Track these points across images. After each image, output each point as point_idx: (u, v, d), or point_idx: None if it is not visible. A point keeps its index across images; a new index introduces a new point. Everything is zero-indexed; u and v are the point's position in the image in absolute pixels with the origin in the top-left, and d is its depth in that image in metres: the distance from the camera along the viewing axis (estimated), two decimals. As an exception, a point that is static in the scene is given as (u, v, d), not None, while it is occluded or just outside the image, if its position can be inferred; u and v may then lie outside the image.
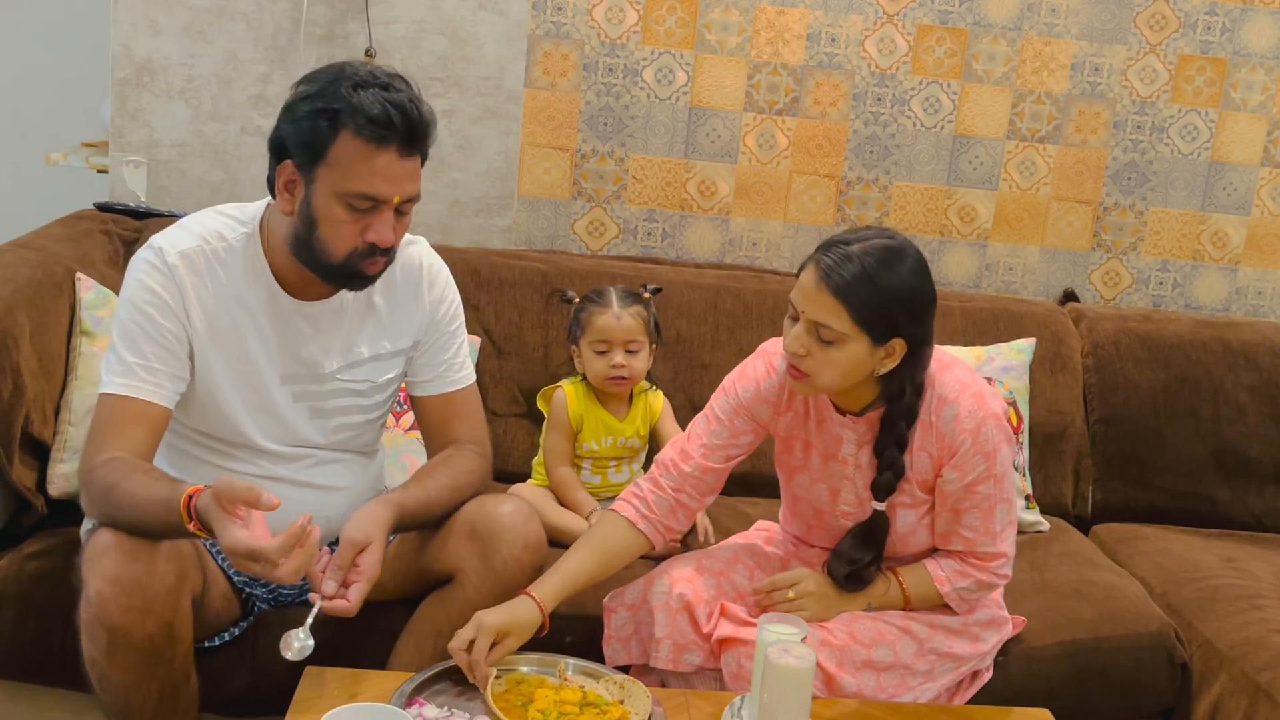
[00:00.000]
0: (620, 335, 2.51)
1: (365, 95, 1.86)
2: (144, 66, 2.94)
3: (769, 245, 3.17)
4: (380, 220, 1.91)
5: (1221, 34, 3.12)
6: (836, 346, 1.93)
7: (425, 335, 2.14)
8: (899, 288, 1.92)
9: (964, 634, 2.14)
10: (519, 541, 2.03)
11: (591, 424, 2.55)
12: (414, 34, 2.98)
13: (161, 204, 2.98)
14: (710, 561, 2.17)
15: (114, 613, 1.76)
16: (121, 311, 1.95)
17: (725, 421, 2.14)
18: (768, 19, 3.05)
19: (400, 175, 1.90)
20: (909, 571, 2.13)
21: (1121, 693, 2.33)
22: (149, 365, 1.92)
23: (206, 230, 2.00)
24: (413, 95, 1.91)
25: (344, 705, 1.69)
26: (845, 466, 2.11)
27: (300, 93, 1.91)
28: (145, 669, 1.82)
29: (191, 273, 1.96)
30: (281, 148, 1.92)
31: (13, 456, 2.25)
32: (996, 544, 2.08)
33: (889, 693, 2.06)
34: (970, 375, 2.07)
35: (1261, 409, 2.96)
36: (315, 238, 1.92)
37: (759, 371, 2.14)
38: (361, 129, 1.86)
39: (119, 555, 1.78)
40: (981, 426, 2.01)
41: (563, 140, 3.08)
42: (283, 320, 2.02)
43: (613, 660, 2.15)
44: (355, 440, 2.16)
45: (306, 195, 1.91)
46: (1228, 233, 3.25)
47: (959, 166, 3.16)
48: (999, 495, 2.06)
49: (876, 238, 1.95)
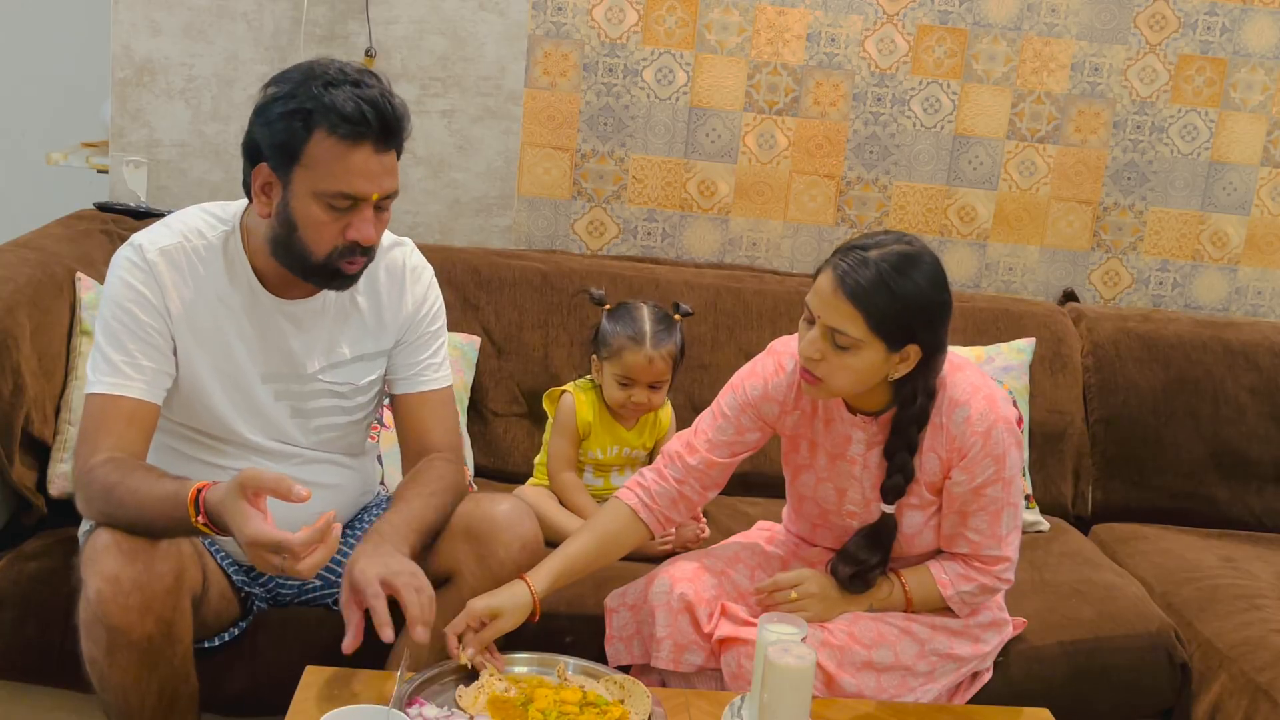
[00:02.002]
0: (648, 378, 2.47)
1: (337, 93, 1.84)
2: (144, 66, 2.94)
3: (769, 245, 3.17)
4: (360, 218, 1.90)
5: (1221, 34, 3.12)
6: (851, 352, 1.93)
7: (405, 334, 2.13)
8: (916, 295, 1.91)
9: (965, 635, 2.14)
10: (515, 541, 2.02)
11: (599, 433, 2.54)
12: (414, 34, 2.98)
13: (161, 204, 2.98)
14: (711, 561, 2.17)
15: (113, 612, 1.76)
16: (104, 310, 1.95)
17: (731, 418, 2.14)
18: (768, 19, 3.05)
19: (378, 171, 1.89)
20: (912, 573, 2.12)
21: (1121, 693, 2.33)
22: (135, 363, 1.92)
23: (187, 228, 1.99)
24: (384, 90, 1.89)
25: (344, 705, 1.69)
26: (853, 466, 2.11)
27: (271, 94, 1.89)
28: (144, 668, 1.81)
29: (171, 269, 1.95)
30: (255, 151, 1.90)
31: (13, 456, 2.25)
32: (1002, 548, 2.08)
33: (889, 693, 2.06)
34: (982, 379, 2.07)
35: (1261, 409, 2.96)
36: (295, 239, 1.91)
37: (768, 370, 2.14)
38: (335, 127, 1.84)
39: (118, 555, 1.77)
40: (992, 429, 2.01)
41: (563, 140, 3.08)
42: (263, 319, 2.01)
43: (615, 660, 2.15)
44: (339, 441, 2.15)
45: (284, 198, 1.90)
46: (1227, 233, 3.25)
47: (959, 166, 3.16)
48: (1006, 499, 2.06)
49: (895, 243, 1.94)
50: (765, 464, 2.80)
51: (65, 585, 2.14)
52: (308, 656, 1.95)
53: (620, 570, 2.29)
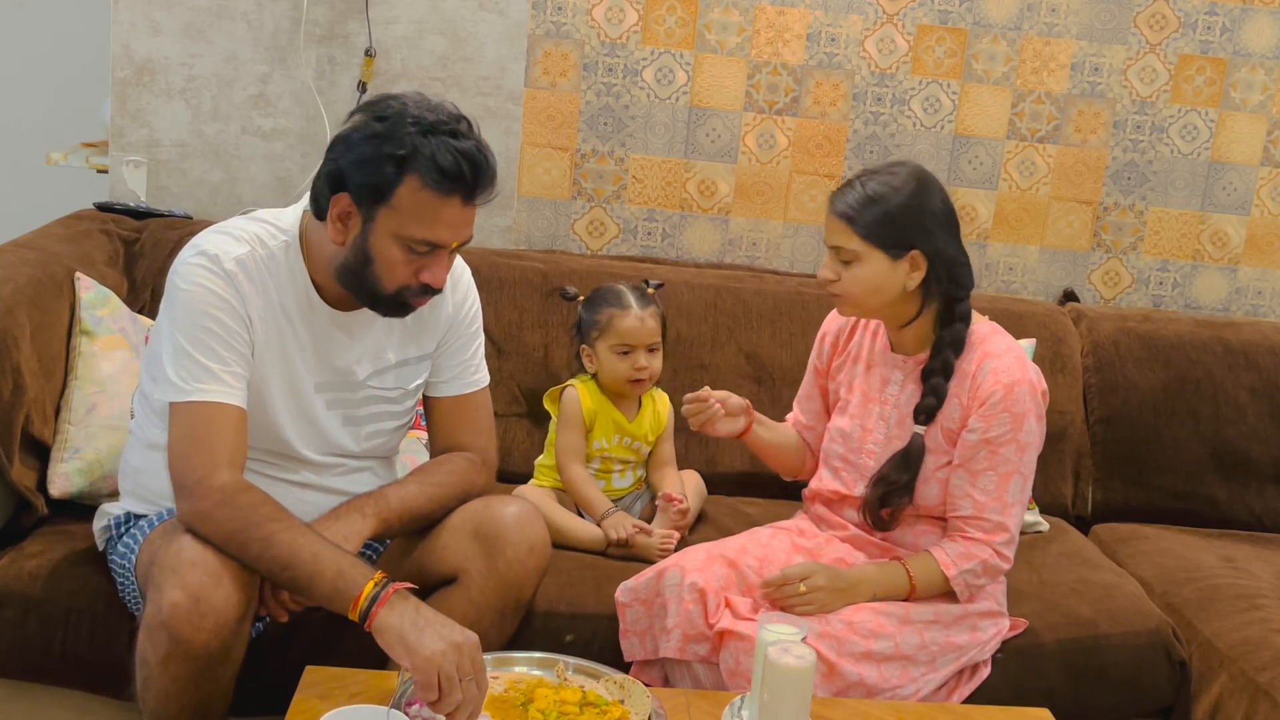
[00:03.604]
0: (645, 338, 2.50)
1: (435, 142, 1.84)
2: (144, 66, 2.94)
3: (769, 245, 3.17)
4: (437, 263, 1.91)
5: (1221, 34, 3.12)
6: (857, 265, 2.12)
7: (447, 336, 2.14)
8: (898, 201, 2.10)
9: (963, 622, 2.16)
10: (524, 544, 2.03)
11: (603, 423, 2.54)
12: (414, 34, 2.98)
13: (161, 204, 2.98)
14: (721, 550, 2.20)
15: (183, 627, 1.76)
16: (187, 318, 1.91)
17: (809, 370, 2.43)
18: (768, 19, 3.05)
19: (461, 223, 1.90)
20: (914, 559, 2.17)
21: (1121, 691, 2.33)
22: (230, 369, 1.91)
23: (250, 236, 1.97)
24: (480, 142, 1.89)
25: (344, 705, 1.69)
26: (885, 407, 2.24)
27: (363, 128, 1.87)
28: (195, 682, 1.83)
29: (248, 279, 1.94)
30: (339, 181, 1.88)
31: (13, 456, 2.25)
32: (1005, 514, 2.12)
33: (891, 683, 2.07)
34: (1021, 351, 2.19)
35: (1261, 409, 2.96)
36: (368, 272, 1.90)
37: (833, 315, 2.38)
38: (429, 178, 1.84)
39: (205, 574, 1.78)
40: (1016, 386, 2.10)
41: (563, 140, 3.08)
42: (319, 328, 2.01)
43: (630, 654, 2.17)
44: (384, 446, 2.16)
45: (363, 232, 1.89)
46: (1227, 233, 3.25)
47: (959, 166, 3.16)
48: (1018, 465, 2.12)
49: (885, 168, 2.16)
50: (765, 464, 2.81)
51: (65, 585, 2.15)
52: (308, 656, 1.95)
53: (620, 569, 2.30)
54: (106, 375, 2.41)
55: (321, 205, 1.92)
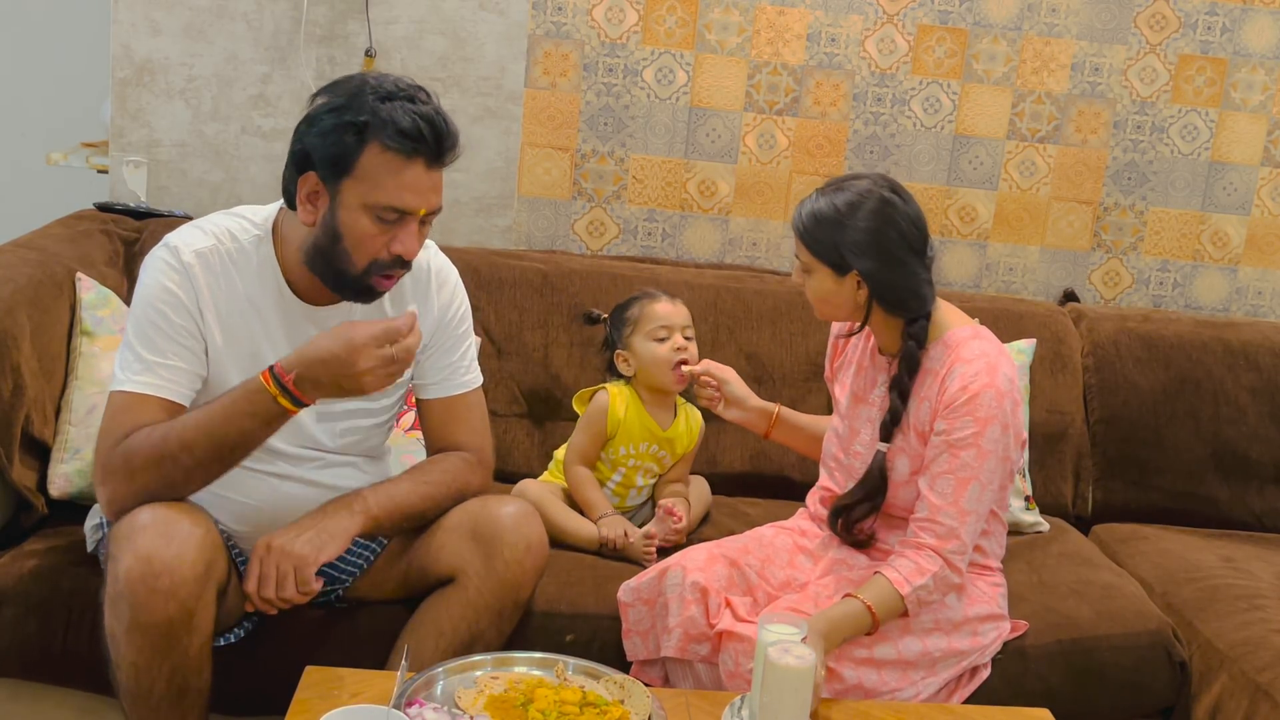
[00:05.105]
0: (680, 320, 2.52)
1: (393, 107, 1.87)
2: (144, 66, 2.94)
3: (769, 245, 3.17)
4: (405, 232, 1.92)
5: (1221, 34, 3.13)
6: (811, 276, 2.17)
7: (433, 338, 2.14)
8: (836, 221, 2.10)
9: (964, 628, 2.15)
10: (521, 543, 2.03)
11: (632, 428, 2.50)
12: (414, 34, 2.98)
13: (161, 204, 2.99)
14: (723, 550, 2.21)
15: (139, 591, 1.77)
16: (137, 310, 1.95)
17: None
18: (768, 19, 3.05)
19: (428, 187, 1.91)
20: (868, 587, 2.07)
21: (1121, 691, 2.33)
22: (168, 364, 1.93)
23: (220, 230, 2.00)
24: (438, 107, 1.92)
25: (344, 705, 1.69)
26: (871, 409, 2.25)
27: (323, 105, 1.91)
28: (159, 651, 1.82)
29: (207, 272, 1.96)
30: (305, 160, 1.91)
31: (13, 456, 2.25)
32: (959, 520, 2.06)
33: (890, 687, 2.07)
34: (1000, 355, 2.14)
35: (1261, 409, 2.96)
36: (338, 249, 1.92)
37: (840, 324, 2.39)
38: (390, 142, 1.86)
39: (154, 535, 1.79)
40: (982, 391, 2.06)
41: (563, 140, 3.08)
42: (292, 324, 2.02)
43: (633, 654, 2.17)
44: (363, 444, 2.16)
45: (331, 207, 1.91)
46: (1228, 233, 3.25)
47: (959, 166, 3.16)
48: (977, 471, 2.07)
49: (845, 183, 2.14)
50: (765, 464, 2.81)
51: (65, 584, 2.15)
52: (308, 656, 1.95)
53: (621, 569, 2.30)
54: (107, 376, 2.41)
55: (291, 190, 1.94)
